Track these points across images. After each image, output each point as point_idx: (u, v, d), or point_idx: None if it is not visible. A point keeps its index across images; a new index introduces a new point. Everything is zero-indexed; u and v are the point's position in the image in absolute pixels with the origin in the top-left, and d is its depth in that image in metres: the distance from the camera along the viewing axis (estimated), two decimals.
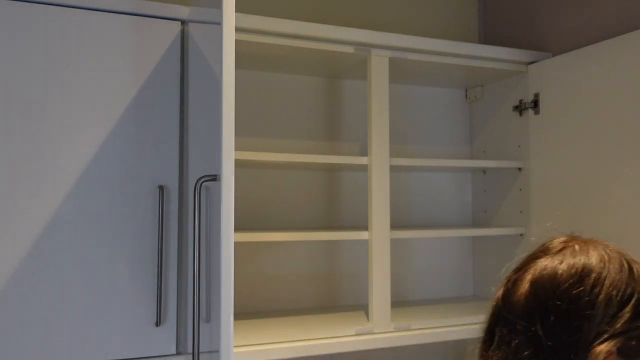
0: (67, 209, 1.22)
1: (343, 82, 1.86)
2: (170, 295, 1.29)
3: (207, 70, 1.18)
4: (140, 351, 1.26)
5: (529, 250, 0.94)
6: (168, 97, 1.32)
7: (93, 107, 1.25)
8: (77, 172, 1.23)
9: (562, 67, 1.66)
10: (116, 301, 1.25)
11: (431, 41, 1.64)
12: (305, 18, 1.63)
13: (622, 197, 1.46)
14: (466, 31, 2.09)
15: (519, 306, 0.84)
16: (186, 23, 1.35)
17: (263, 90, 1.75)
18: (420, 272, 1.91)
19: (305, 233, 1.53)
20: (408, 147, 1.94)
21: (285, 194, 1.76)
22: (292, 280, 1.75)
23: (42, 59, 1.22)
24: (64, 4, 1.24)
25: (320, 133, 1.82)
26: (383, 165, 1.57)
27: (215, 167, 1.02)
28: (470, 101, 2.04)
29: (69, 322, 1.21)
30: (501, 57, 1.73)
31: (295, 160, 1.50)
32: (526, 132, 1.78)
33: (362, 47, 1.56)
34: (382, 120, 1.58)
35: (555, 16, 1.79)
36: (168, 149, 1.31)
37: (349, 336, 1.45)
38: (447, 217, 2.00)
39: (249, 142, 1.71)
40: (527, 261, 0.91)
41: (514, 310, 0.85)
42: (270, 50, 1.53)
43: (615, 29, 1.55)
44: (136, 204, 1.27)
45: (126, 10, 1.29)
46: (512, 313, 0.85)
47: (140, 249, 1.27)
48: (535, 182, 1.74)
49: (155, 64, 1.31)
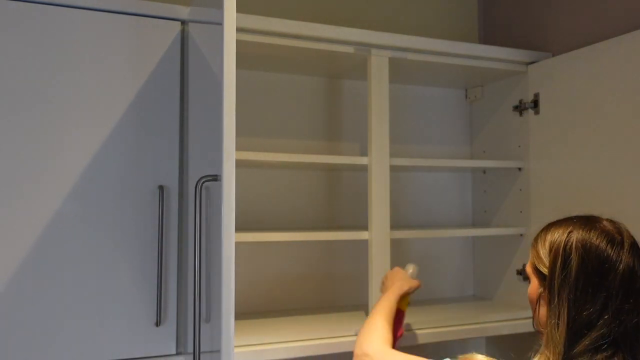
0: (68, 209, 1.22)
1: (343, 82, 1.86)
2: (170, 295, 1.29)
3: (207, 70, 1.18)
4: (140, 351, 1.26)
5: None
6: (168, 97, 1.32)
7: (93, 107, 1.25)
8: (77, 173, 1.23)
9: (562, 67, 1.66)
10: (116, 301, 1.25)
11: (431, 41, 1.64)
12: (305, 18, 1.63)
13: (622, 196, 1.45)
14: (466, 31, 2.09)
15: None
16: (186, 23, 1.34)
17: (263, 90, 1.75)
18: (420, 272, 1.91)
19: (305, 233, 1.53)
20: (408, 147, 1.94)
21: (285, 194, 1.76)
22: (292, 280, 1.75)
23: (42, 59, 1.22)
24: (64, 4, 1.24)
25: (320, 133, 1.82)
26: (383, 165, 1.56)
27: (215, 167, 1.02)
28: (470, 101, 2.04)
29: (69, 322, 1.21)
30: (501, 57, 1.73)
31: (295, 160, 1.50)
32: (526, 132, 1.78)
33: (362, 47, 1.56)
34: (382, 120, 1.58)
35: (555, 16, 1.79)
36: (168, 149, 1.31)
37: (349, 336, 1.45)
38: (447, 217, 2.00)
39: (249, 142, 1.70)
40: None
41: None
42: (270, 50, 1.52)
43: (615, 29, 1.55)
44: (136, 204, 1.27)
45: (126, 10, 1.29)
46: None
47: (140, 249, 1.27)
48: (535, 182, 1.74)
49: (155, 64, 1.31)
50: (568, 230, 1.01)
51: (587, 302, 0.95)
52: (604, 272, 0.95)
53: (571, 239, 0.99)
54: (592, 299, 0.95)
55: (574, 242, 0.99)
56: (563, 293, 0.97)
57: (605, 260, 0.96)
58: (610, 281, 0.95)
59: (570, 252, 0.98)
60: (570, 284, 0.96)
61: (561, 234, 1.01)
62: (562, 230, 1.02)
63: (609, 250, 0.97)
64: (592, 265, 0.96)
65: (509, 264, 1.84)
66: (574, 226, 1.01)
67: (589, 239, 0.98)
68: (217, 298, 0.97)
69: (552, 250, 1.01)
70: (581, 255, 0.97)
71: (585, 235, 0.99)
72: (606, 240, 0.97)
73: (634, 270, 0.96)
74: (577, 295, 0.96)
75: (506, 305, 1.81)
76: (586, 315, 0.95)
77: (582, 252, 0.97)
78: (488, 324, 1.64)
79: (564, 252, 0.99)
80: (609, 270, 0.95)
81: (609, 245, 0.97)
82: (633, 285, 0.96)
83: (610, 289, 0.95)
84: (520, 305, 1.76)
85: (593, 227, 1.00)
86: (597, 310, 0.94)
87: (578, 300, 0.96)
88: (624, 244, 0.97)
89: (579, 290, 0.96)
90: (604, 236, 0.98)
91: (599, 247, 0.97)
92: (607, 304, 0.94)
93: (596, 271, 0.96)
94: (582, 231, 0.99)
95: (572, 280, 0.97)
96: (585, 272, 0.96)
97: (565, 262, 0.98)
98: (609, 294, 0.94)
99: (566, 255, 0.98)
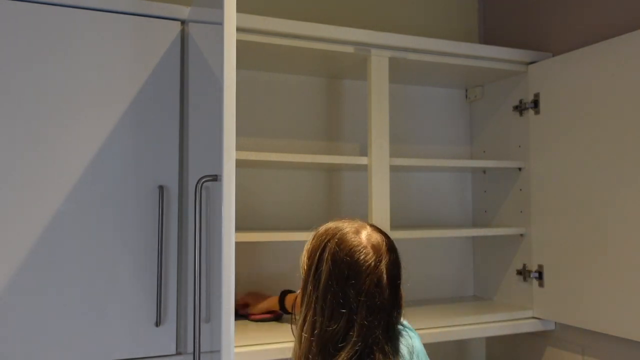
0: (68, 208, 1.22)
1: (343, 82, 1.86)
2: (170, 295, 1.29)
3: (207, 70, 1.18)
4: (140, 351, 1.26)
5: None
6: (168, 97, 1.32)
7: (93, 107, 1.25)
8: (77, 173, 1.23)
9: (562, 67, 1.66)
10: (116, 301, 1.25)
11: (431, 41, 1.64)
12: (305, 18, 1.63)
13: (622, 196, 1.45)
14: (466, 31, 2.09)
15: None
16: (186, 23, 1.34)
17: (263, 90, 1.75)
18: (420, 272, 1.91)
19: (305, 233, 1.51)
20: (408, 147, 1.94)
21: (285, 194, 1.76)
22: (293, 281, 1.75)
23: (42, 59, 1.22)
24: (64, 4, 1.24)
25: (320, 133, 1.82)
26: (383, 165, 1.56)
27: (215, 167, 1.02)
28: (470, 101, 2.04)
29: (69, 322, 1.21)
30: (501, 57, 1.73)
31: (295, 160, 1.50)
32: (526, 132, 1.78)
33: (362, 47, 1.56)
34: (382, 120, 1.58)
35: (556, 16, 1.79)
36: (168, 149, 1.31)
37: None
38: (447, 217, 2.00)
39: (249, 142, 1.70)
40: None
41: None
42: (270, 50, 1.52)
43: (615, 29, 1.55)
44: (136, 204, 1.27)
45: (126, 10, 1.29)
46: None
47: (140, 249, 1.27)
48: (535, 182, 1.74)
49: (155, 64, 1.31)
50: (328, 237, 0.97)
51: (332, 318, 0.92)
52: (348, 288, 0.93)
53: (326, 249, 0.96)
54: (337, 315, 0.92)
55: (327, 252, 0.95)
56: (312, 304, 0.95)
57: (350, 276, 0.93)
58: (353, 297, 0.92)
59: (321, 263, 0.95)
60: (319, 297, 0.94)
61: (322, 239, 0.98)
62: (326, 234, 0.99)
63: (357, 265, 0.93)
64: (338, 280, 0.93)
65: (509, 264, 1.84)
66: (335, 234, 0.97)
67: (340, 253, 0.94)
68: (217, 298, 0.97)
69: (310, 255, 0.98)
70: (330, 268, 0.94)
71: (340, 247, 0.95)
72: (357, 255, 0.94)
73: (378, 284, 0.93)
74: (323, 309, 0.93)
75: (506, 305, 1.81)
76: (331, 332, 0.92)
77: (331, 265, 0.94)
78: (488, 324, 1.64)
79: (318, 262, 0.96)
80: (353, 285, 0.93)
81: (358, 261, 0.93)
82: (374, 302, 0.93)
83: (353, 306, 0.92)
84: (520, 305, 1.77)
85: (352, 240, 0.96)
86: (341, 328, 0.92)
87: (325, 314, 0.93)
88: (377, 259, 0.94)
89: (326, 303, 0.93)
90: (357, 251, 0.94)
91: (347, 262, 0.94)
92: (352, 321, 0.92)
93: (342, 287, 0.93)
94: (339, 242, 0.96)
95: (320, 293, 0.94)
96: (331, 289, 0.93)
97: (317, 272, 0.96)
98: (351, 311, 0.92)
99: (317, 267, 0.96)
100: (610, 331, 1.48)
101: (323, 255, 0.96)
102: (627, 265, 1.43)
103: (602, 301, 1.50)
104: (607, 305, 1.48)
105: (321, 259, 0.96)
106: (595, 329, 1.53)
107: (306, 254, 1.01)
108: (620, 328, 1.45)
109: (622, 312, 1.44)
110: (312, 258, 0.97)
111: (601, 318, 1.50)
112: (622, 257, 1.45)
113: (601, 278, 1.50)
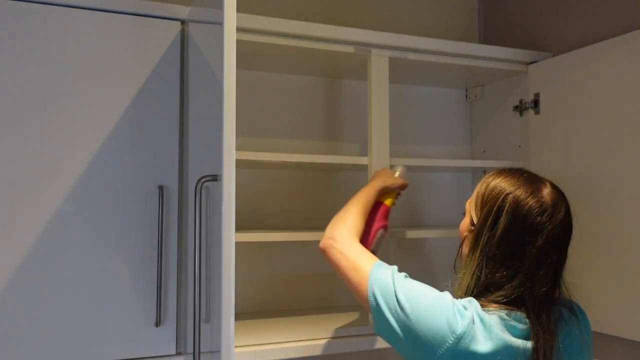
0: (67, 209, 1.22)
1: (343, 82, 1.86)
2: (170, 295, 1.29)
3: (207, 70, 1.18)
4: (140, 351, 1.26)
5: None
6: (168, 97, 1.32)
7: (93, 107, 1.25)
8: (77, 173, 1.23)
9: (562, 67, 1.66)
10: (116, 301, 1.25)
11: (431, 41, 1.64)
12: (305, 18, 1.63)
13: (623, 196, 1.45)
14: (466, 31, 2.09)
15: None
16: (186, 23, 1.34)
17: (263, 90, 1.75)
18: (420, 272, 1.91)
19: (305, 233, 1.52)
20: (408, 147, 1.94)
21: (285, 194, 1.76)
22: (292, 280, 1.75)
23: (42, 59, 1.22)
24: (64, 4, 1.24)
25: (320, 133, 1.82)
26: (383, 165, 1.56)
27: (215, 167, 1.02)
28: (470, 101, 2.04)
29: (69, 323, 1.21)
30: (501, 57, 1.73)
31: (295, 160, 1.50)
32: (526, 132, 1.78)
33: (362, 47, 1.56)
34: (382, 120, 1.58)
35: (555, 16, 1.79)
36: (168, 149, 1.31)
37: (349, 336, 1.45)
38: (448, 217, 2.00)
39: (249, 142, 1.70)
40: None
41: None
42: (270, 50, 1.52)
43: (615, 29, 1.55)
44: (136, 204, 1.27)
45: (126, 10, 1.29)
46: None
47: (140, 249, 1.27)
48: None
49: (155, 64, 1.31)
50: (509, 189, 1.02)
51: (503, 265, 0.99)
52: (524, 243, 0.98)
53: (507, 200, 1.01)
54: (508, 263, 0.99)
55: (508, 204, 1.00)
56: (485, 248, 1.01)
57: (528, 231, 0.99)
58: (527, 251, 0.98)
59: (500, 214, 1.00)
60: (492, 245, 1.00)
61: (501, 189, 1.03)
62: (505, 185, 1.03)
63: (536, 221, 0.99)
64: (516, 233, 0.99)
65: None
66: (515, 186, 1.03)
67: (522, 206, 1.00)
68: (217, 298, 0.97)
69: (488, 204, 1.03)
70: (509, 220, 0.99)
71: (521, 200, 1.00)
72: (537, 212, 0.99)
73: (554, 243, 0.99)
74: (496, 255, 1.00)
75: None
76: (498, 277, 0.99)
77: (510, 218, 0.99)
78: None
79: (496, 212, 1.01)
80: (530, 242, 0.98)
81: (537, 217, 0.99)
82: (545, 259, 0.99)
83: (525, 260, 0.98)
84: None
85: (531, 194, 1.01)
86: (509, 275, 0.98)
87: (495, 260, 1.00)
88: (553, 217, 1.00)
89: (499, 251, 0.99)
90: (538, 206, 1.00)
91: (527, 217, 0.99)
92: (519, 271, 0.98)
93: (518, 240, 0.99)
94: (521, 194, 1.01)
95: (495, 241, 1.00)
96: (507, 239, 0.99)
97: (495, 222, 1.01)
98: (522, 264, 0.98)
99: (497, 216, 1.01)
100: (615, 332, 1.47)
101: (502, 208, 1.01)
102: (629, 265, 1.43)
103: (605, 302, 1.50)
104: (611, 306, 1.48)
105: (500, 211, 1.01)
106: (599, 330, 1.52)
107: (480, 200, 1.06)
108: (624, 329, 1.45)
109: (627, 313, 1.44)
110: (490, 207, 1.02)
111: (605, 319, 1.50)
112: (624, 257, 1.45)
113: (603, 278, 1.50)
